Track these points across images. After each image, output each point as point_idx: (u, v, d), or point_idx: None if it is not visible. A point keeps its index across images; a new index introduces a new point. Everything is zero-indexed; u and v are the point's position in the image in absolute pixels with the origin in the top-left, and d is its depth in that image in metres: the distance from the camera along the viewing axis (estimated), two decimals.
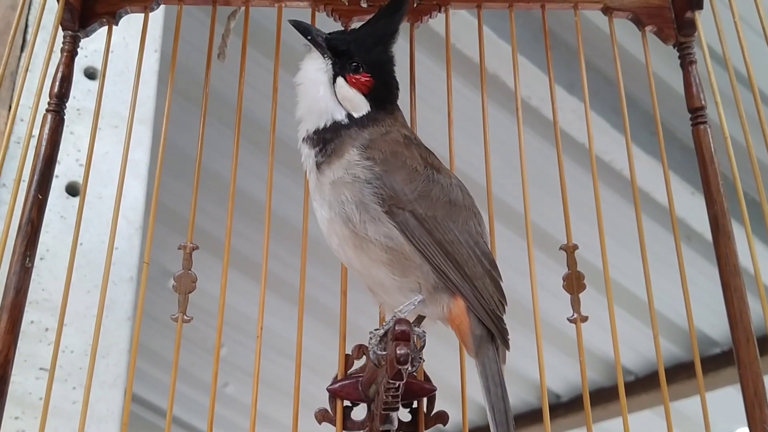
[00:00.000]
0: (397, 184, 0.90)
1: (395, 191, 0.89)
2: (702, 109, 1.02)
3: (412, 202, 0.89)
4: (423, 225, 0.88)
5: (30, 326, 1.48)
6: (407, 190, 0.90)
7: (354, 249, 0.90)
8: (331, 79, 0.95)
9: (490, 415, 0.85)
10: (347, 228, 0.89)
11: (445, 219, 0.90)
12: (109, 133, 1.67)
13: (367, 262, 0.90)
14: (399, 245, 0.88)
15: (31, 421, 1.45)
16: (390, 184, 0.89)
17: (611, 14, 1.10)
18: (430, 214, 0.89)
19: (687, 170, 2.76)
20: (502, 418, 0.85)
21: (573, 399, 3.97)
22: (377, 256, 0.88)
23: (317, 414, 0.97)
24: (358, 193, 0.89)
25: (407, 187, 0.90)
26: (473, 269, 0.89)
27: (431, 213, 0.89)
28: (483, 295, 0.89)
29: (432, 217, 0.89)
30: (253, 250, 2.58)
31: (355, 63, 0.95)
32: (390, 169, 0.90)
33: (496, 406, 0.85)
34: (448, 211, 0.91)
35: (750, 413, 0.87)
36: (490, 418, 0.85)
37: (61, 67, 1.01)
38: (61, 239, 1.57)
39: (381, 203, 0.88)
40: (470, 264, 0.89)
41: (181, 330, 0.95)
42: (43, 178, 0.96)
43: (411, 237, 0.88)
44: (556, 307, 1.39)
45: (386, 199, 0.88)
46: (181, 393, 3.60)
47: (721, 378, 3.35)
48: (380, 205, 0.88)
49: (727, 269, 0.93)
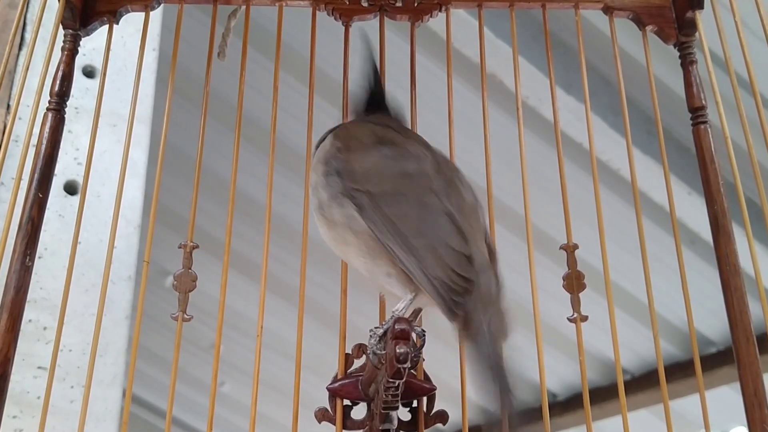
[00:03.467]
0: (350, 164, 0.90)
1: (349, 172, 0.89)
2: (702, 109, 1.02)
3: (366, 181, 0.88)
4: (374, 202, 0.86)
5: (28, 325, 1.48)
6: (359, 169, 0.89)
7: (330, 237, 0.90)
8: None
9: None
10: (319, 213, 0.90)
11: (396, 193, 0.87)
12: (108, 131, 1.67)
13: (343, 249, 0.90)
14: (362, 227, 0.86)
15: (29, 419, 1.44)
16: (343, 165, 0.90)
17: (612, 14, 1.10)
18: (381, 191, 0.87)
19: (684, 170, 2.77)
20: None
21: (569, 398, 3.98)
22: (347, 241, 0.88)
23: (317, 413, 0.97)
24: (321, 176, 0.91)
25: (359, 165, 0.90)
26: (420, 240, 0.84)
27: (382, 189, 0.87)
28: (428, 266, 0.83)
29: (383, 193, 0.87)
30: (251, 249, 2.58)
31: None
32: (345, 149, 0.92)
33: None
34: (400, 184, 0.88)
35: (750, 413, 0.87)
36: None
37: (62, 65, 1.01)
38: (60, 238, 1.57)
39: (339, 184, 0.88)
40: (417, 235, 0.84)
41: (182, 329, 0.95)
42: (44, 176, 0.96)
43: (365, 217, 0.86)
44: (552, 307, 1.39)
45: (344, 180, 0.89)
46: (177, 391, 3.59)
47: (717, 377, 3.37)
48: (338, 186, 0.88)
49: (727, 269, 0.93)
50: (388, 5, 1.12)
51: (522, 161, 1.04)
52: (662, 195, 2.48)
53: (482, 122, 1.09)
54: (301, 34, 1.33)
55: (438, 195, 0.88)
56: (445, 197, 0.88)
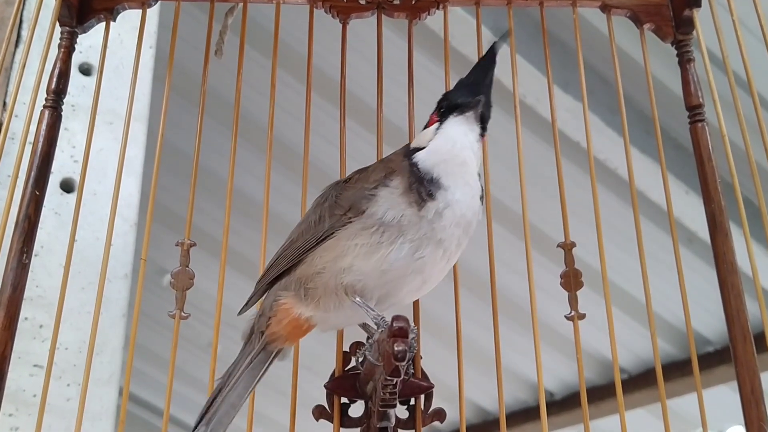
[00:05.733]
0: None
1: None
2: (700, 107, 1.02)
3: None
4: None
5: (24, 323, 1.47)
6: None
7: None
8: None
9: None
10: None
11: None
12: (104, 129, 1.67)
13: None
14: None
15: (25, 418, 1.44)
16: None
17: (609, 12, 1.10)
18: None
19: (681, 169, 2.77)
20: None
21: (566, 397, 3.98)
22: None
23: (314, 411, 0.97)
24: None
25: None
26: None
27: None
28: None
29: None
30: (248, 247, 2.58)
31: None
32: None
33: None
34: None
35: (747, 411, 0.87)
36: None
37: (59, 63, 1.01)
38: (56, 236, 1.57)
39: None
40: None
41: (179, 327, 0.95)
42: (40, 174, 0.96)
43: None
44: (550, 306, 1.39)
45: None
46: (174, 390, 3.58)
47: (714, 376, 3.37)
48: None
49: (724, 267, 0.93)
50: (385, 3, 1.12)
51: (519, 160, 1.04)
52: (660, 193, 2.48)
53: None
54: (298, 31, 1.33)
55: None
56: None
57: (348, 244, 0.90)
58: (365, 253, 0.89)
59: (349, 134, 1.09)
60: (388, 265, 0.89)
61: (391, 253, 0.89)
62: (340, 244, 0.91)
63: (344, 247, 0.90)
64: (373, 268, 0.89)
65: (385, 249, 0.89)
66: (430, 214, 0.90)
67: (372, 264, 0.89)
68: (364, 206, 0.91)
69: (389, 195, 0.91)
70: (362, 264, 0.89)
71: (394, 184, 0.92)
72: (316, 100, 1.11)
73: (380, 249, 0.89)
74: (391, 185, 0.92)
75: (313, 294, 0.91)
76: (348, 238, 0.90)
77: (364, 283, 0.90)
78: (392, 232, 0.89)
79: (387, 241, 0.89)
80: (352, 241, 0.90)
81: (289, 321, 0.93)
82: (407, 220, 0.89)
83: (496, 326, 0.98)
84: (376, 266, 0.89)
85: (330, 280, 0.90)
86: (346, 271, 0.90)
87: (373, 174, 0.95)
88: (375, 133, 1.10)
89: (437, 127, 0.97)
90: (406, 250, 0.89)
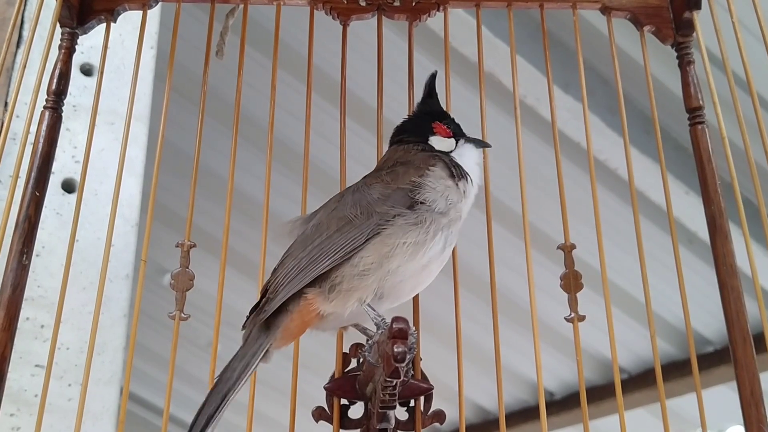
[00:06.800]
0: None
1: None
2: (700, 109, 1.02)
3: None
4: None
5: (25, 323, 1.48)
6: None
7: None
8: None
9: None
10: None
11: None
12: (105, 129, 1.67)
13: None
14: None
15: (27, 417, 1.44)
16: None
17: (609, 14, 1.10)
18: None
19: (681, 170, 2.77)
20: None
21: (566, 397, 3.98)
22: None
23: (314, 412, 0.97)
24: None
25: None
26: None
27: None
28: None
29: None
30: (249, 248, 2.58)
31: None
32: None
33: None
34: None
35: (746, 413, 0.87)
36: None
37: (59, 64, 1.01)
38: (57, 236, 1.57)
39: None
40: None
41: (179, 327, 0.95)
42: (41, 175, 0.96)
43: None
44: (549, 306, 1.39)
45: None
46: (174, 389, 3.59)
47: (714, 376, 3.37)
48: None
49: (724, 269, 0.93)
50: (386, 5, 1.12)
51: (520, 160, 1.04)
52: (660, 194, 2.48)
53: (480, 121, 1.09)
54: (299, 32, 1.33)
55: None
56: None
57: (396, 242, 0.90)
58: (412, 252, 0.90)
59: (349, 134, 1.09)
60: (427, 260, 0.91)
61: (432, 247, 0.92)
62: (389, 243, 0.90)
63: (392, 246, 0.90)
64: (416, 266, 0.91)
65: (428, 244, 0.91)
66: (463, 191, 0.96)
67: (416, 262, 0.91)
68: (416, 196, 0.93)
69: (437, 182, 0.95)
70: (408, 264, 0.90)
71: (437, 170, 0.97)
72: (316, 101, 1.12)
73: (425, 244, 0.91)
74: (435, 172, 0.96)
75: (345, 294, 0.90)
76: (397, 236, 0.90)
77: (404, 284, 0.92)
78: (437, 225, 0.92)
79: (430, 236, 0.91)
80: (401, 239, 0.90)
81: (309, 318, 0.92)
82: (452, 203, 0.94)
83: (495, 326, 0.98)
84: (419, 263, 0.91)
85: (373, 283, 0.89)
86: (392, 273, 0.90)
87: (413, 168, 0.97)
88: (375, 133, 1.10)
89: (456, 143, 1.05)
90: (441, 242, 0.92)
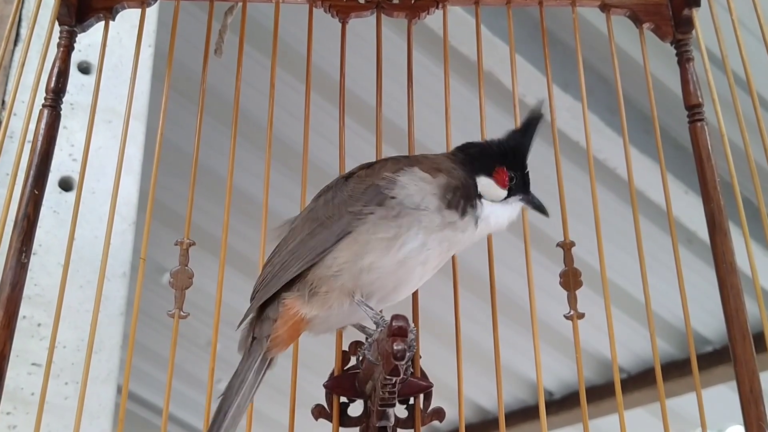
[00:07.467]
0: None
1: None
2: (699, 107, 1.02)
3: None
4: None
5: (23, 321, 1.47)
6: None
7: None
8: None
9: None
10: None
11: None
12: (103, 128, 1.67)
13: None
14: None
15: (23, 416, 1.44)
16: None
17: (609, 12, 1.10)
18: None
19: (681, 168, 2.77)
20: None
21: (565, 396, 3.98)
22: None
23: (314, 410, 0.97)
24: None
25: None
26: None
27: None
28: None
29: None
30: (248, 246, 2.58)
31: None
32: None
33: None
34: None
35: (746, 411, 0.87)
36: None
37: (58, 62, 1.01)
38: (54, 234, 1.56)
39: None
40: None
41: (178, 326, 0.95)
42: (39, 173, 0.96)
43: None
44: (548, 305, 1.39)
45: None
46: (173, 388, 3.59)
47: (714, 376, 3.37)
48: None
49: (723, 267, 0.93)
50: (385, 3, 1.12)
51: None
52: (659, 193, 2.48)
53: (479, 120, 1.09)
54: (297, 31, 1.33)
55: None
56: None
57: (368, 239, 0.88)
58: (385, 247, 0.88)
59: (348, 133, 1.09)
60: (403, 255, 0.88)
61: (407, 242, 0.88)
62: (360, 240, 0.88)
63: (364, 242, 0.88)
64: (391, 261, 0.88)
65: (402, 237, 0.88)
66: (450, 221, 0.90)
67: (390, 257, 0.88)
68: (388, 192, 0.90)
69: (413, 180, 0.91)
70: (382, 260, 0.88)
71: (431, 179, 0.92)
72: (315, 99, 1.11)
73: (399, 238, 0.88)
74: (424, 177, 0.92)
75: (323, 296, 0.89)
76: (368, 232, 0.88)
77: (381, 281, 0.89)
78: (412, 218, 0.88)
79: (404, 229, 0.88)
80: (372, 234, 0.88)
81: (294, 323, 0.91)
82: (426, 206, 0.89)
83: (495, 326, 0.98)
84: (394, 258, 0.88)
85: (348, 282, 0.88)
86: (365, 270, 0.88)
87: (391, 165, 0.94)
88: (374, 132, 1.10)
89: (506, 197, 0.97)
90: (420, 237, 0.89)
